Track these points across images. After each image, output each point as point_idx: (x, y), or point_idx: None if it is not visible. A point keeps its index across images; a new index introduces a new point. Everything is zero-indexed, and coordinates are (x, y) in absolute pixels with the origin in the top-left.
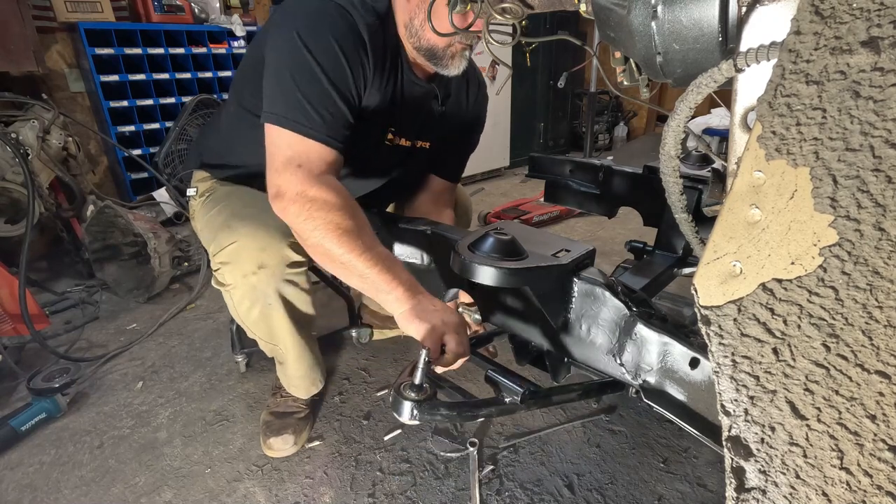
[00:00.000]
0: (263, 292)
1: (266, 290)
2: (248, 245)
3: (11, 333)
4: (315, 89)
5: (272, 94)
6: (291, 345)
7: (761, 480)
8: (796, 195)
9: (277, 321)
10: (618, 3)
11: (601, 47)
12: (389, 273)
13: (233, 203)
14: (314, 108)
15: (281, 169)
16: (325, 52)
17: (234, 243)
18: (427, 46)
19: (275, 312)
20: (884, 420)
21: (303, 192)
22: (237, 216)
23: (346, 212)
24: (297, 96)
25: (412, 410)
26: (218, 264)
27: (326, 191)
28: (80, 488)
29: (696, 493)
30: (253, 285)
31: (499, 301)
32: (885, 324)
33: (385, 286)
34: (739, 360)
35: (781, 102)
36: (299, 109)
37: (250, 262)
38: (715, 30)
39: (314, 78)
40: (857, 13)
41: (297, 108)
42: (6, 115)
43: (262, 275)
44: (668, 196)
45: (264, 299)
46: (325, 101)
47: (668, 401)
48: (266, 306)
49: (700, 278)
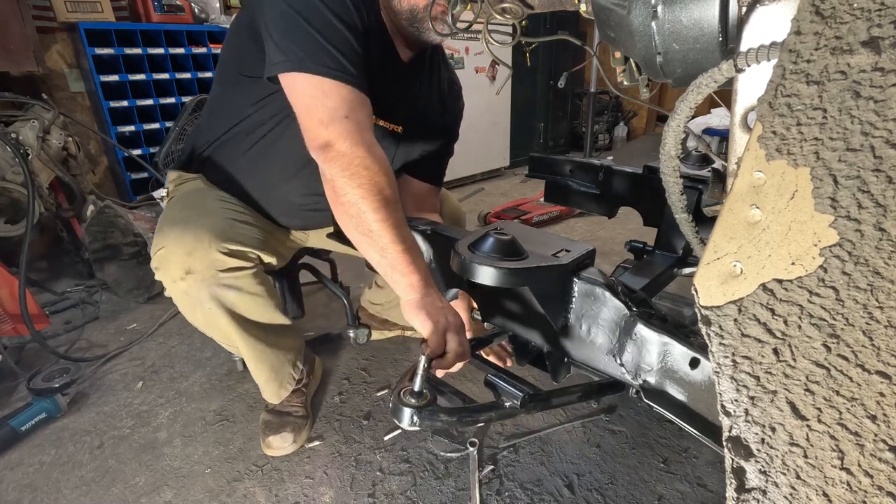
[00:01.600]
0: (197, 297)
1: (198, 295)
2: (175, 250)
3: (11, 333)
4: (332, 30)
5: (286, 42)
6: (245, 349)
7: (762, 481)
8: (797, 195)
9: (224, 325)
10: (618, 3)
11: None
12: (410, 255)
13: (172, 208)
14: (338, 49)
15: (327, 120)
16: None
17: (162, 248)
18: (408, 8)
19: (219, 319)
20: (884, 420)
21: (353, 148)
22: (170, 221)
23: (390, 178)
24: (317, 38)
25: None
26: (153, 268)
27: (376, 152)
28: (80, 488)
29: (696, 493)
30: (184, 291)
31: (499, 301)
32: (886, 324)
33: (403, 267)
34: (740, 361)
35: (782, 102)
36: (323, 51)
37: (177, 268)
38: (715, 30)
39: (327, 19)
40: (858, 13)
41: (320, 50)
42: (6, 115)
43: (190, 280)
44: (668, 196)
45: (201, 305)
46: (345, 43)
47: (668, 401)
48: (207, 311)
49: (700, 278)
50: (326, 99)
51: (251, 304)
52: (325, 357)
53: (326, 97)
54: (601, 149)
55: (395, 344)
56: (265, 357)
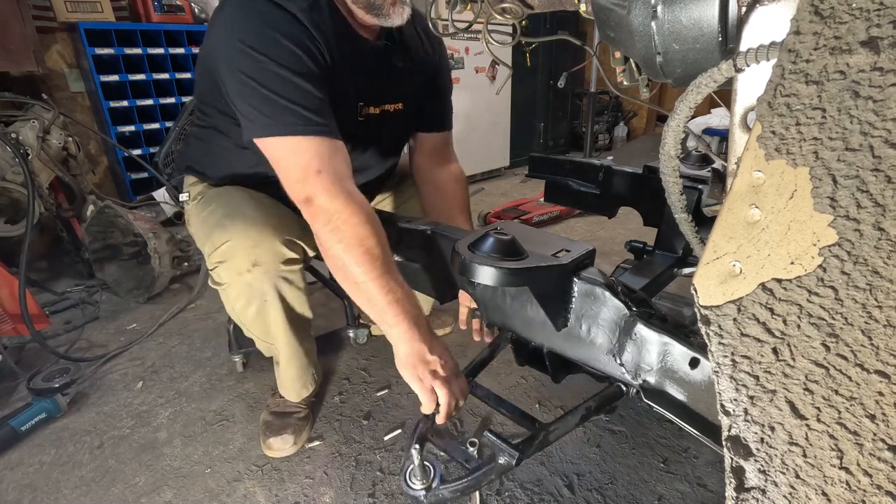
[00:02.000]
0: (259, 290)
1: (261, 287)
2: (242, 243)
3: (11, 333)
4: (287, 86)
5: (250, 109)
6: (284, 344)
7: (761, 480)
8: (796, 195)
9: (273, 319)
10: (618, 3)
11: (601, 47)
12: (398, 306)
13: (226, 203)
14: (297, 104)
15: (302, 178)
16: (276, 47)
17: (227, 242)
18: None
19: (271, 310)
20: (883, 420)
21: (330, 202)
22: (230, 215)
23: (370, 228)
24: (275, 99)
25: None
26: (214, 264)
27: (353, 203)
28: (80, 488)
29: (696, 493)
30: (248, 283)
31: (499, 301)
32: (885, 323)
33: (390, 318)
34: (739, 360)
35: (781, 102)
36: (285, 111)
37: (244, 260)
38: (715, 30)
39: (279, 76)
40: (857, 13)
41: (281, 111)
42: (6, 115)
43: (256, 272)
44: (668, 196)
45: (260, 297)
46: (304, 95)
47: (668, 401)
48: (262, 304)
49: (700, 278)
50: (298, 157)
51: (298, 298)
52: (325, 357)
53: (298, 155)
54: (601, 149)
55: None
56: (298, 355)
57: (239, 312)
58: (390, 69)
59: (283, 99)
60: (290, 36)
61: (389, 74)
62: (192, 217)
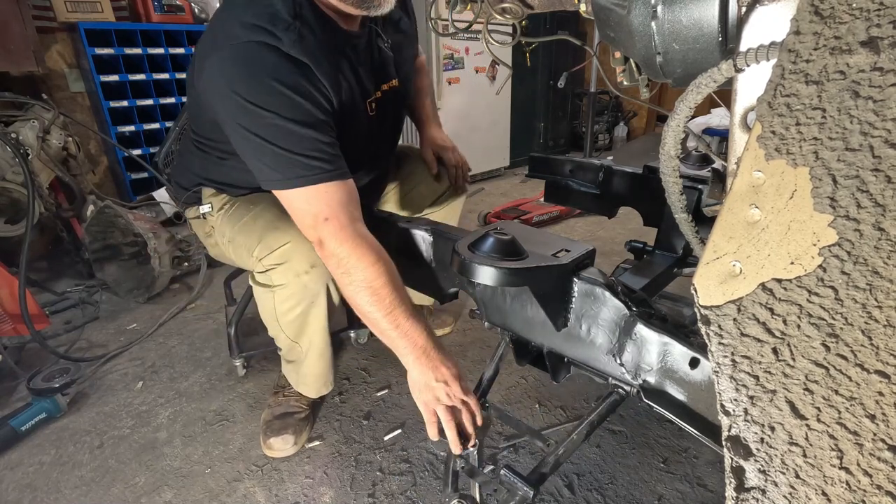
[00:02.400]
0: (313, 291)
1: (316, 287)
2: (301, 246)
3: (11, 333)
4: (290, 138)
5: (255, 162)
6: (318, 341)
7: (761, 480)
8: (796, 195)
9: (315, 318)
10: (618, 3)
11: (601, 47)
12: (406, 339)
13: (270, 207)
14: (301, 155)
15: (312, 226)
16: (274, 97)
17: (287, 244)
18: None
19: (316, 310)
20: (883, 420)
21: (339, 247)
22: (283, 219)
23: (377, 269)
24: (282, 154)
25: None
26: (269, 266)
27: (361, 246)
28: (80, 488)
29: (696, 493)
30: (304, 284)
31: (499, 301)
32: (885, 323)
33: (401, 349)
34: (739, 360)
35: (781, 102)
36: (293, 164)
37: (303, 262)
38: (715, 30)
39: (280, 129)
40: (857, 13)
41: (289, 164)
42: (6, 115)
43: (314, 273)
44: (668, 196)
45: (311, 298)
46: (307, 144)
47: (668, 401)
48: (309, 305)
49: (700, 278)
50: (309, 206)
51: (338, 297)
52: None
53: (308, 204)
54: (601, 149)
55: None
56: (327, 352)
57: (282, 314)
58: (380, 52)
59: (286, 152)
60: (286, 82)
61: (380, 56)
62: (223, 226)
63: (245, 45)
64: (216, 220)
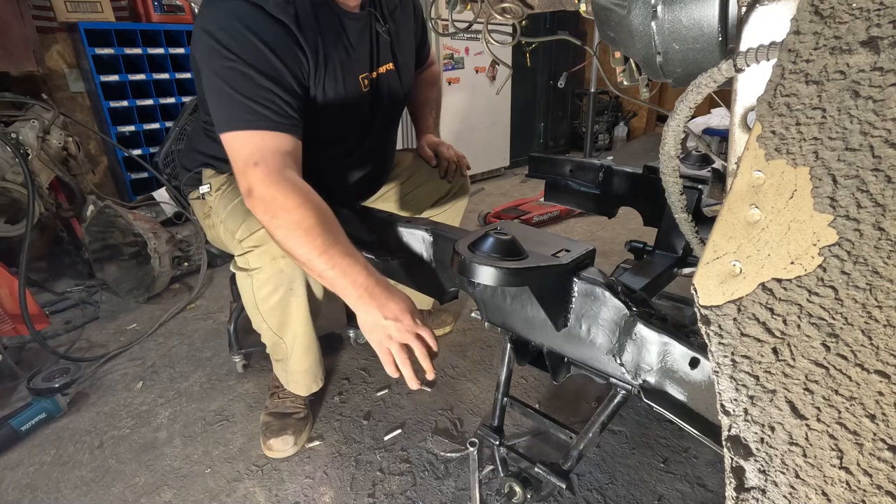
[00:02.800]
0: (289, 276)
1: (292, 273)
2: None
3: (11, 333)
4: (248, 84)
5: (214, 105)
6: (302, 334)
7: (761, 480)
8: (796, 195)
9: (295, 308)
10: (618, 3)
11: (601, 47)
12: (346, 278)
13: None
14: (255, 101)
15: (242, 169)
16: (245, 47)
17: (261, 229)
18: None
19: (294, 299)
20: (883, 419)
21: (266, 190)
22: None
23: (307, 209)
24: (235, 97)
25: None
26: (246, 248)
27: (287, 188)
28: (80, 488)
29: (696, 493)
30: (280, 269)
31: (499, 301)
32: (885, 323)
33: (341, 290)
34: (739, 360)
35: (781, 102)
36: (242, 108)
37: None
38: (715, 30)
39: (243, 75)
40: (857, 13)
41: (239, 108)
42: (6, 115)
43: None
44: (668, 196)
45: (288, 284)
46: (262, 93)
47: (668, 401)
48: (287, 292)
49: (700, 278)
50: (242, 150)
51: (320, 289)
52: (325, 357)
53: (243, 148)
54: (601, 149)
55: None
56: (313, 347)
57: (260, 300)
58: (377, 35)
59: (240, 96)
60: (258, 33)
61: (377, 39)
62: (218, 206)
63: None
64: (214, 200)
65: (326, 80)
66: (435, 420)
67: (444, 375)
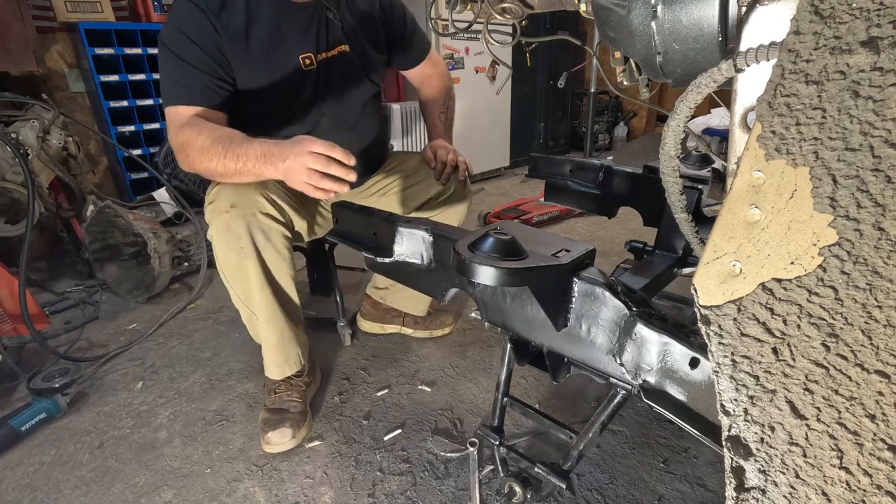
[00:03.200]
0: (235, 232)
1: (238, 228)
2: (226, 188)
3: (11, 333)
4: (174, 69)
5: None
6: (260, 303)
7: (761, 480)
8: (796, 195)
9: (252, 271)
10: (618, 3)
11: (601, 47)
12: (254, 159)
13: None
14: (179, 84)
15: (173, 137)
16: (173, 40)
17: (216, 187)
18: None
19: (248, 261)
20: (883, 420)
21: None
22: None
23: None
24: (167, 81)
25: None
26: (204, 208)
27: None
28: (80, 488)
29: (696, 493)
30: (227, 224)
31: (499, 301)
32: (885, 323)
33: (258, 169)
34: (739, 360)
35: (781, 102)
36: (172, 89)
37: (225, 201)
38: (715, 30)
39: (172, 61)
40: (857, 13)
41: (170, 88)
42: (6, 115)
43: (234, 213)
44: (668, 196)
45: (237, 241)
46: (185, 76)
47: (668, 401)
48: (240, 249)
49: (700, 278)
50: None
51: (276, 260)
52: (325, 357)
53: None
54: (601, 149)
55: (395, 343)
56: (277, 319)
57: (222, 263)
58: (327, 21)
59: (170, 80)
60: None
61: (326, 25)
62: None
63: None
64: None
65: (253, 59)
66: (435, 420)
67: (444, 375)
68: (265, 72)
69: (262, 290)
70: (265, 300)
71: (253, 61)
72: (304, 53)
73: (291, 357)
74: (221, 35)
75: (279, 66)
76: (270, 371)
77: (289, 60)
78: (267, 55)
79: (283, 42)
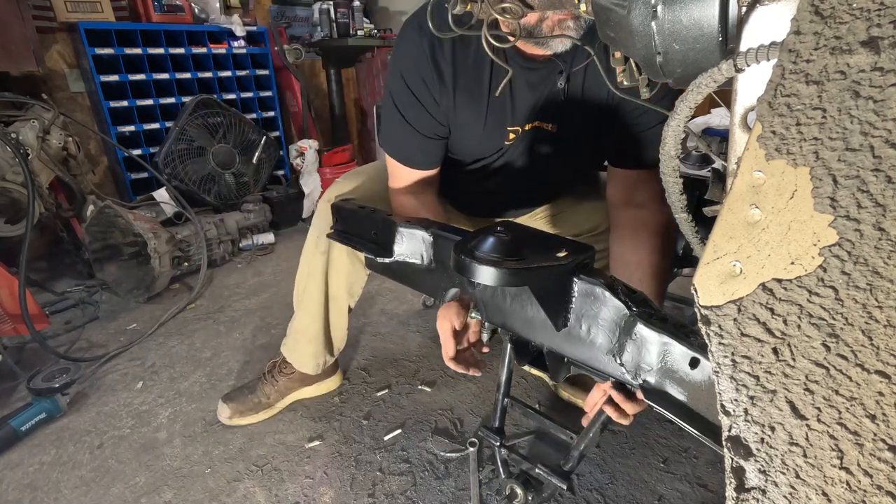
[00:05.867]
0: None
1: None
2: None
3: (11, 333)
4: (399, 127)
5: (382, 121)
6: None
7: (761, 480)
8: (796, 195)
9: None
10: (618, 3)
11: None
12: None
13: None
14: (397, 139)
15: (391, 183)
16: (399, 92)
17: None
18: (522, 25)
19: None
20: (884, 420)
21: (392, 196)
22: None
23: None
24: (389, 129)
25: None
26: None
27: (401, 200)
28: (80, 488)
29: (696, 493)
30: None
31: (499, 301)
32: (885, 324)
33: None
34: (739, 360)
35: (781, 102)
36: (392, 144)
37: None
38: (715, 30)
39: (394, 117)
40: (857, 13)
41: (390, 142)
42: (6, 115)
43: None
44: (668, 196)
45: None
46: (405, 134)
47: (669, 401)
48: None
49: (700, 278)
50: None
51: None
52: None
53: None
54: None
55: (395, 344)
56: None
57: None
58: (553, 89)
59: (392, 134)
60: (408, 80)
61: (549, 94)
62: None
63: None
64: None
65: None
66: (435, 420)
67: (444, 375)
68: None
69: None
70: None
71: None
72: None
73: (325, 350)
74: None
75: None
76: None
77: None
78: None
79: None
